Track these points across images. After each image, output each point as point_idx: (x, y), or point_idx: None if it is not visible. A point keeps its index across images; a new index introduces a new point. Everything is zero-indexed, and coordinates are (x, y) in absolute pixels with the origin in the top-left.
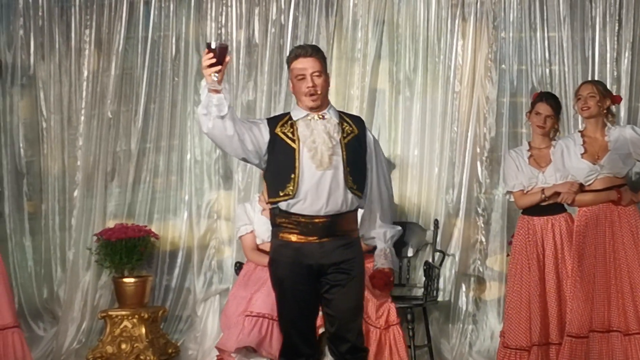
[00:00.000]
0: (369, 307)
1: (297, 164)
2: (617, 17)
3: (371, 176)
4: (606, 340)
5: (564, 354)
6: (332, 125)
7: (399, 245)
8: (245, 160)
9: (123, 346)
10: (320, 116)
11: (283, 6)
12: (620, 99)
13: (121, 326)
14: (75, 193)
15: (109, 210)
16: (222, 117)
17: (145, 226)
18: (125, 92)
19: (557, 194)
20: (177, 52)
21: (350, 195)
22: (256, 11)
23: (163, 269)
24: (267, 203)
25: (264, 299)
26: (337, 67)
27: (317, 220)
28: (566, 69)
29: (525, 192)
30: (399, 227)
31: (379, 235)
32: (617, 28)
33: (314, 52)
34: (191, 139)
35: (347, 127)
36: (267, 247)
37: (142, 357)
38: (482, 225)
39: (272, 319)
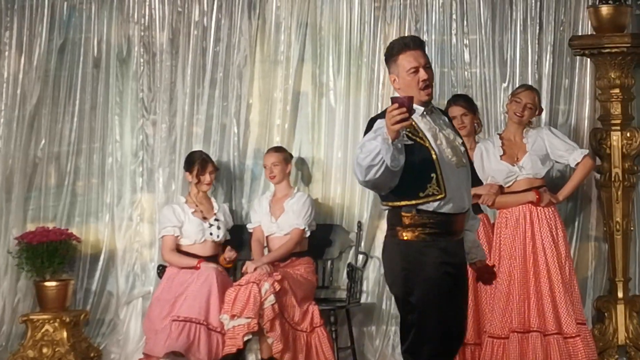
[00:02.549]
0: (293, 312)
1: (436, 163)
2: (538, 20)
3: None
4: (526, 341)
5: (485, 354)
6: (444, 120)
7: (321, 247)
8: None
9: (44, 350)
10: (430, 111)
11: (206, 8)
12: (542, 111)
13: (42, 330)
14: None
15: (29, 213)
16: (394, 171)
17: (67, 229)
18: (46, 95)
19: (478, 196)
20: (99, 54)
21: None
22: (179, 13)
23: (85, 272)
24: (387, 206)
25: (191, 303)
26: (260, 70)
27: (459, 219)
28: (487, 72)
29: None
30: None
31: (471, 226)
32: (537, 31)
33: (421, 43)
34: (112, 142)
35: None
36: (195, 250)
37: None
38: None
39: (199, 323)
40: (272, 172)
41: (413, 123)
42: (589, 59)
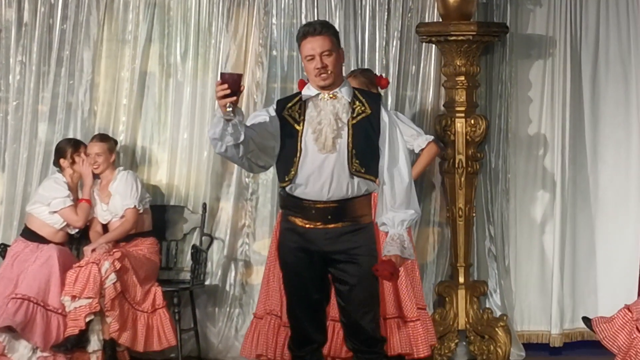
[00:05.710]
0: (134, 292)
1: (299, 147)
2: (386, 7)
3: (383, 158)
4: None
5: None
6: (341, 105)
7: (166, 228)
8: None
9: None
10: (332, 95)
11: None
12: (387, 81)
13: None
14: None
15: None
16: (236, 145)
17: None
18: None
19: None
20: None
21: (357, 180)
22: None
23: None
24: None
25: (30, 282)
26: (107, 49)
27: (320, 206)
28: None
29: None
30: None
31: (389, 220)
32: (386, 17)
33: (324, 29)
34: None
35: (358, 107)
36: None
37: None
38: (251, 210)
39: (37, 303)
40: (95, 161)
41: (303, 106)
42: (435, 46)
